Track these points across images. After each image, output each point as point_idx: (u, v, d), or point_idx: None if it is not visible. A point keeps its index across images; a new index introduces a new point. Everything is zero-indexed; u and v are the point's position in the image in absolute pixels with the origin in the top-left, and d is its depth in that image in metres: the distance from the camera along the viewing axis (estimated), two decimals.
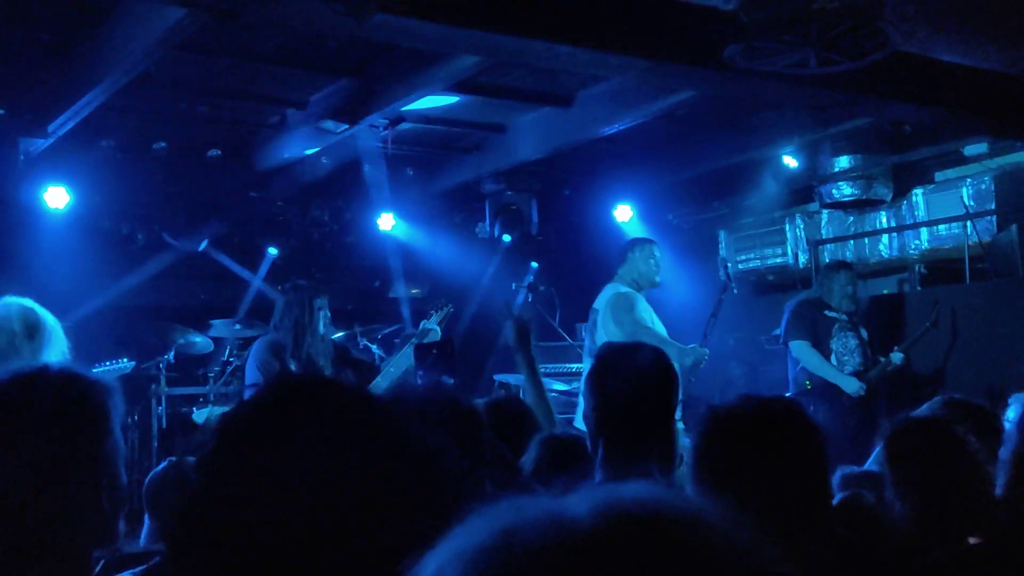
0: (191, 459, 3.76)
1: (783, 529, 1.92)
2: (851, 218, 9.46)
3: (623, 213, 9.81)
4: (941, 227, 8.59)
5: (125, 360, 6.79)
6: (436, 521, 0.73)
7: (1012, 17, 4.61)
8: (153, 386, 7.94)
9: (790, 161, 8.86)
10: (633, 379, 2.56)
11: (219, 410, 6.89)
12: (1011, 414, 4.98)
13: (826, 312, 7.12)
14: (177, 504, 1.15)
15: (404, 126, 7.91)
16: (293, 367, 5.65)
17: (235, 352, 7.98)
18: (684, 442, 2.56)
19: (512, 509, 0.67)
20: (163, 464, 3.39)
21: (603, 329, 6.28)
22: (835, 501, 3.53)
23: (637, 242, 6.75)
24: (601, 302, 6.42)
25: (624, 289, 6.38)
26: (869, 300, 8.25)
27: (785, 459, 2.00)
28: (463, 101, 7.59)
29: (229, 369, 7.84)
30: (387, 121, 7.58)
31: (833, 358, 7.03)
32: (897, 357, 7.14)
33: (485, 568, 0.64)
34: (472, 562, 0.65)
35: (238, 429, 1.14)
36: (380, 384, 6.09)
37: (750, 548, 0.68)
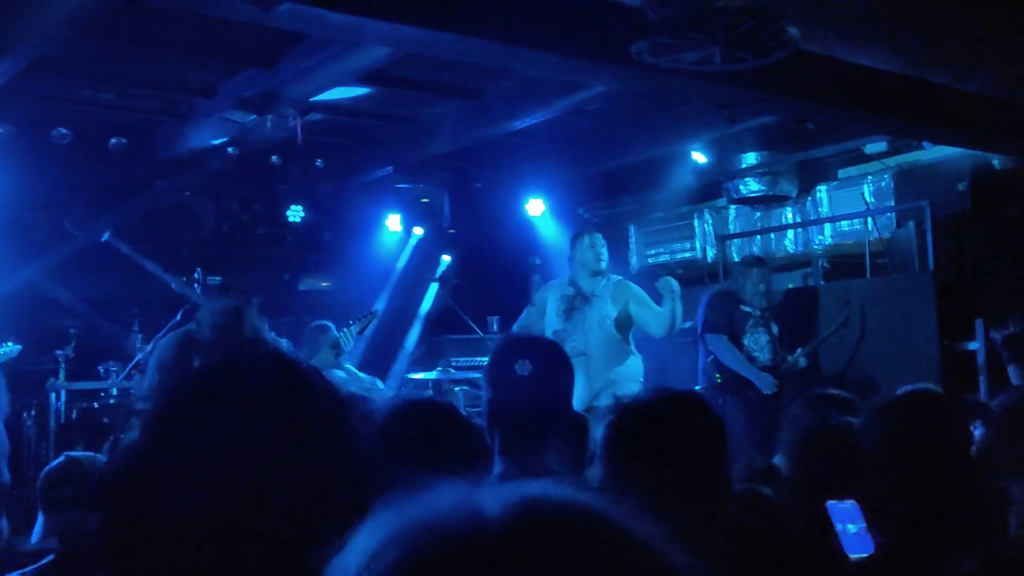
0: (89, 454, 3.66)
1: (686, 519, 1.96)
2: (758, 214, 9.65)
3: (535, 207, 9.86)
4: (843, 223, 8.81)
5: (10, 344, 6.58)
6: (351, 512, 0.73)
7: (908, 19, 4.75)
8: (51, 380, 7.72)
9: (699, 157, 8.99)
10: (529, 371, 2.56)
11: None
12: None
13: (741, 307, 7.24)
14: (80, 498, 1.13)
15: (314, 117, 7.82)
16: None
17: (138, 346, 7.82)
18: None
19: (425, 503, 0.68)
20: (59, 459, 3.29)
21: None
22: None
23: (575, 235, 6.92)
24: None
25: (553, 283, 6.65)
26: (784, 293, 8.42)
27: (689, 450, 2.03)
28: (375, 93, 7.53)
29: (131, 364, 7.67)
30: (296, 112, 7.48)
31: (744, 353, 7.16)
32: (801, 361, 7.30)
33: (397, 563, 0.64)
34: (382, 560, 0.65)
35: (160, 421, 1.13)
36: None
37: (651, 543, 0.70)
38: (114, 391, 7.74)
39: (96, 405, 7.69)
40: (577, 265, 6.66)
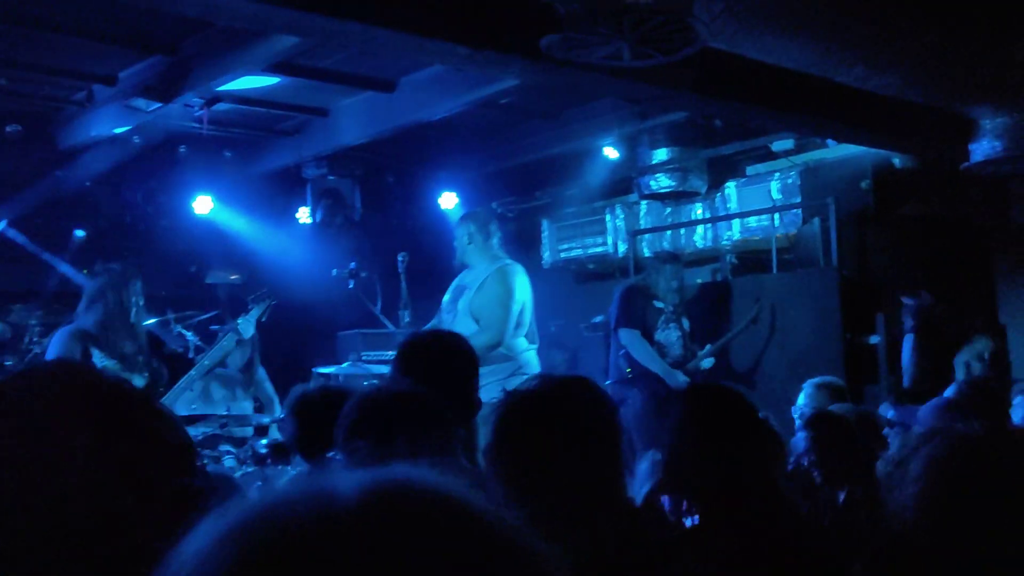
0: None
1: (574, 507, 1.95)
2: (668, 209, 9.74)
3: (448, 200, 9.82)
4: (751, 219, 8.94)
5: None
6: (188, 507, 0.72)
7: (812, 19, 4.82)
8: None
9: (610, 152, 9.05)
10: (431, 366, 2.55)
11: None
12: (802, 399, 5.24)
13: (654, 302, 7.30)
14: None
15: (222, 107, 7.67)
16: (98, 358, 5.39)
17: (35, 340, 7.58)
18: None
19: (275, 490, 0.69)
20: None
21: None
22: (646, 487, 3.62)
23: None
24: None
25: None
26: (697, 288, 8.52)
27: (577, 436, 2.01)
28: (284, 83, 7.41)
29: (28, 358, 7.43)
30: (202, 101, 7.33)
31: (655, 348, 7.21)
32: (707, 362, 7.39)
33: (248, 544, 0.63)
34: (235, 539, 0.64)
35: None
36: (193, 376, 5.88)
37: (513, 530, 0.69)
38: None
39: None
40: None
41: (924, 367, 6.67)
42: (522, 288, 5.95)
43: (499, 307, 5.82)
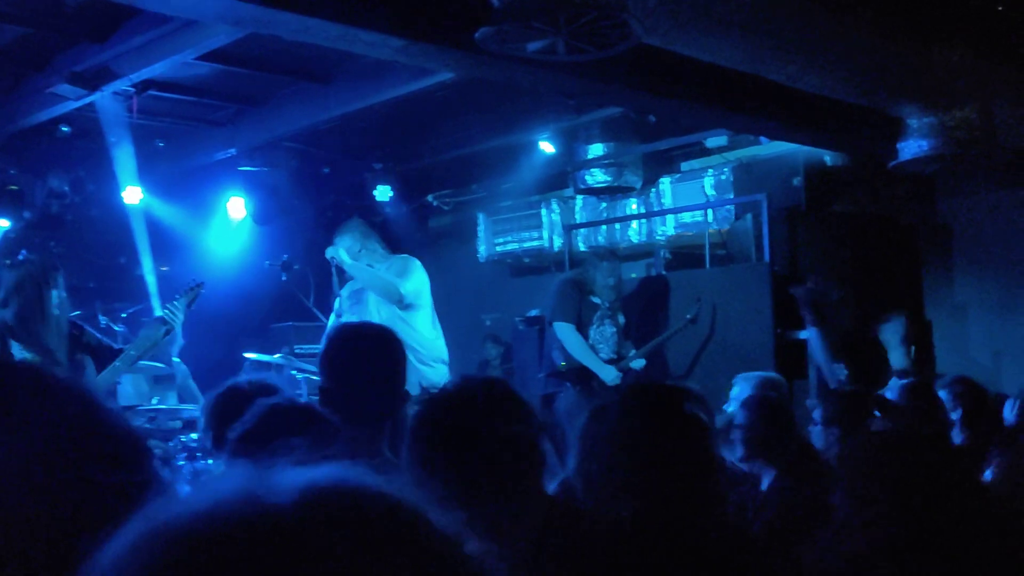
0: None
1: (491, 503, 1.95)
2: (604, 204, 9.79)
3: (383, 193, 9.76)
4: (685, 215, 9.02)
5: None
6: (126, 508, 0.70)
7: (744, 17, 4.87)
8: None
9: (546, 147, 9.07)
10: (359, 360, 2.54)
11: None
12: (735, 392, 5.31)
13: (590, 298, 7.32)
14: None
15: (153, 96, 7.53)
16: (17, 350, 5.26)
17: None
18: None
19: (205, 491, 0.67)
20: None
21: None
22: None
23: None
24: None
25: None
26: (634, 282, 8.56)
27: (493, 434, 2.01)
28: (218, 72, 7.31)
29: None
30: (133, 89, 7.19)
31: (589, 344, 7.25)
32: (639, 363, 7.42)
33: (179, 546, 0.62)
34: (165, 541, 0.63)
35: None
36: (119, 368, 5.78)
37: (444, 530, 0.69)
38: None
39: None
40: None
41: (840, 359, 6.76)
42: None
43: (424, 284, 6.05)
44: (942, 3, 5.73)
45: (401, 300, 6.04)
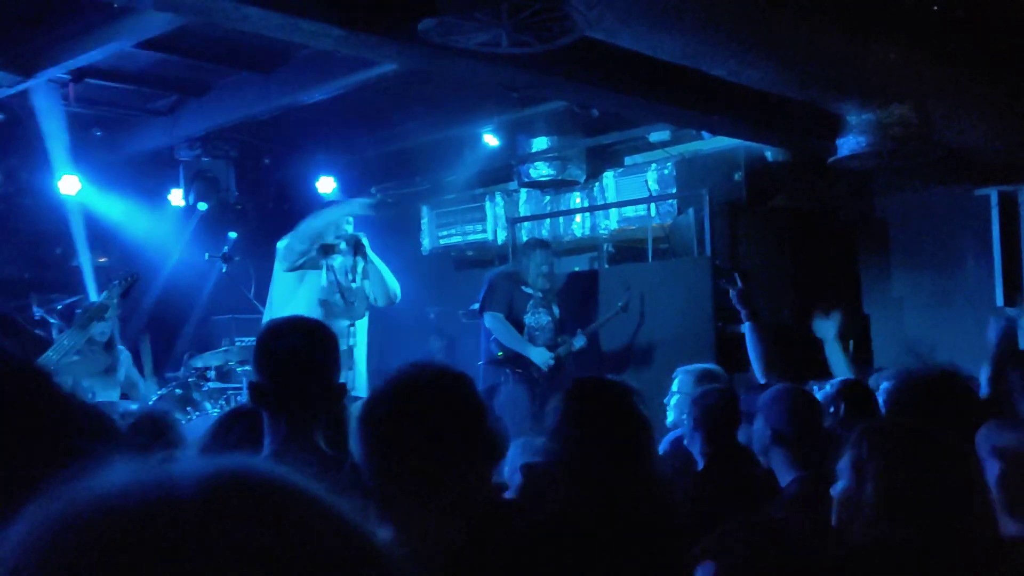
0: None
1: (433, 496, 1.95)
2: (547, 197, 9.81)
3: (325, 184, 9.69)
4: (628, 209, 9.06)
5: None
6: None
7: (685, 12, 4.90)
8: None
9: (490, 140, 9.06)
10: (291, 354, 2.53)
11: None
12: (675, 387, 5.34)
13: (523, 288, 7.38)
14: None
15: (90, 83, 7.40)
16: None
17: None
18: None
19: (106, 480, 0.66)
20: None
21: None
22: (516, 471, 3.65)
23: None
24: None
25: None
26: (567, 276, 8.59)
27: (432, 426, 2.00)
28: (157, 60, 7.20)
29: None
30: (68, 77, 7.06)
31: (526, 332, 7.31)
32: (579, 341, 7.50)
33: (81, 533, 0.61)
34: (66, 528, 0.62)
35: None
36: (51, 358, 5.68)
37: (351, 521, 0.69)
38: None
39: None
40: None
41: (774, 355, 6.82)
42: None
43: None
44: (880, 1, 5.81)
45: (395, 299, 6.25)
